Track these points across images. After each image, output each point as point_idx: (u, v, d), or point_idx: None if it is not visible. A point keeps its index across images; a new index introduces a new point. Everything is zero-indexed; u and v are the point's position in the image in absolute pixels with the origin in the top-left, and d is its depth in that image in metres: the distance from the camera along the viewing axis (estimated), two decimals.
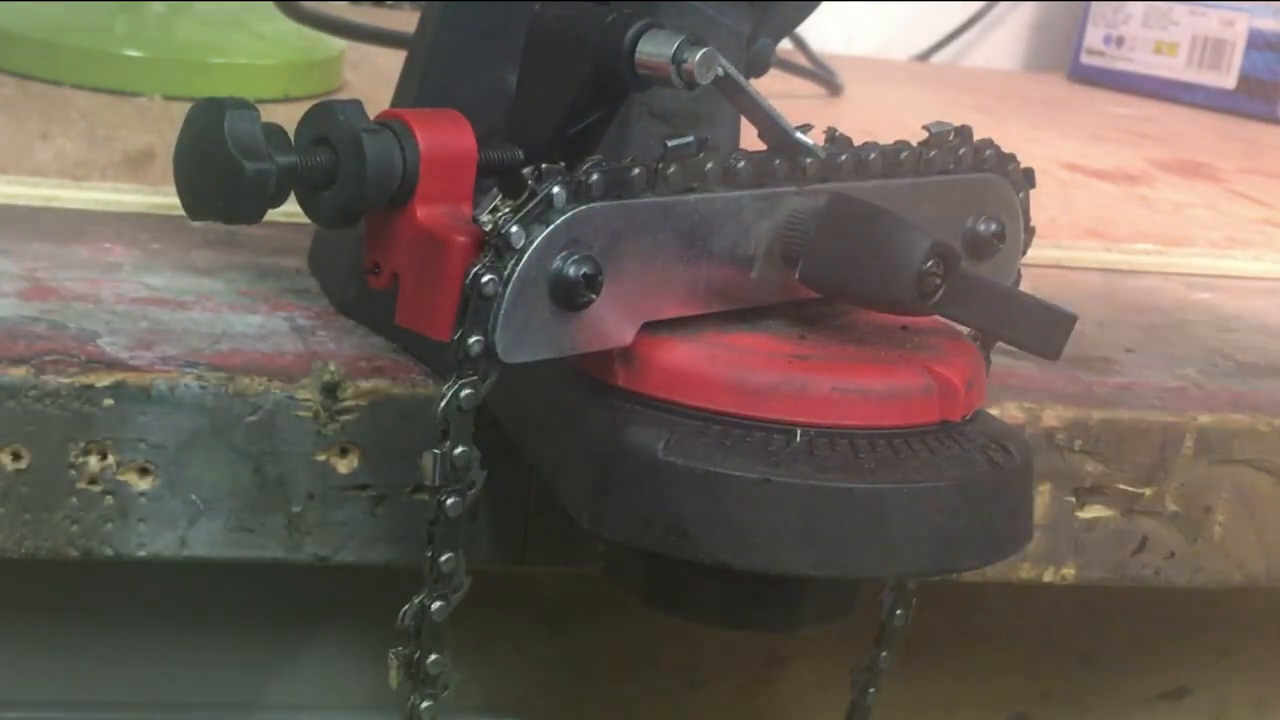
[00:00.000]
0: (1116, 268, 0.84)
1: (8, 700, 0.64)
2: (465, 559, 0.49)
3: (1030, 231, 0.57)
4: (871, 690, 0.60)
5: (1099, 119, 1.26)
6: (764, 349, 0.49)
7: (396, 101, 0.62)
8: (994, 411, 0.58)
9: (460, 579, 0.49)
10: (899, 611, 0.59)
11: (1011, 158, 0.56)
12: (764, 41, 0.58)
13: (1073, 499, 0.63)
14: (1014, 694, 0.75)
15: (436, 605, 0.48)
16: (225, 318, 0.59)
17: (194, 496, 0.54)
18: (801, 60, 1.18)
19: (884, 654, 0.59)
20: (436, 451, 0.47)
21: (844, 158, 0.51)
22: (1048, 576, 0.63)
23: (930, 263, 0.48)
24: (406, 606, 0.48)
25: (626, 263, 0.47)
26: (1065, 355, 0.53)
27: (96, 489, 0.54)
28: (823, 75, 1.18)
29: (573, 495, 0.49)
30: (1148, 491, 0.63)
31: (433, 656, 0.49)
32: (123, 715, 0.65)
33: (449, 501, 0.47)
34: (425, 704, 0.50)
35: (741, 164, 0.49)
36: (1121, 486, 0.63)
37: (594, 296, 0.46)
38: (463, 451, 0.47)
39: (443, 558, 0.48)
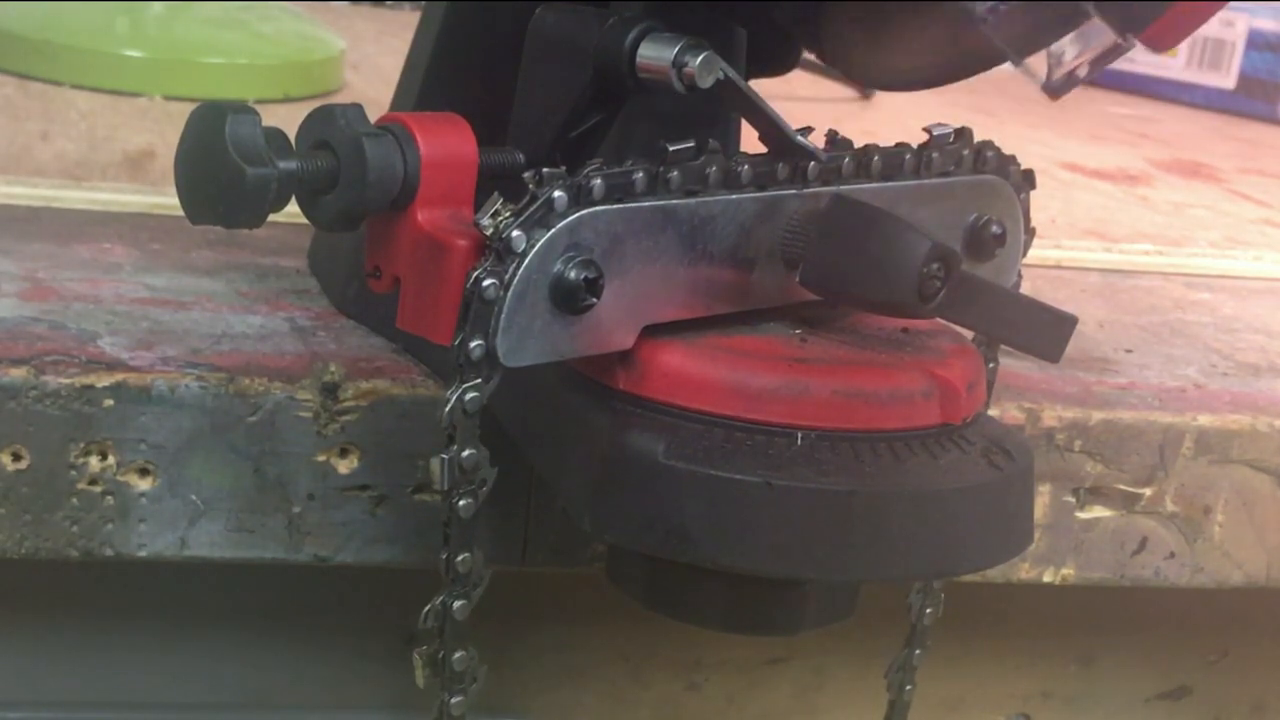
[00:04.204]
0: (1116, 268, 0.84)
1: (8, 700, 0.64)
2: (481, 556, 0.49)
3: (1030, 233, 0.57)
4: (909, 688, 0.60)
5: (1099, 119, 1.25)
6: (765, 352, 0.49)
7: (397, 103, 0.62)
8: (993, 412, 0.58)
9: (479, 576, 0.49)
10: (929, 610, 0.59)
11: (1012, 159, 0.56)
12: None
13: (1073, 499, 0.63)
14: (1014, 694, 0.75)
15: (458, 604, 0.49)
16: (225, 318, 0.59)
17: (194, 497, 0.55)
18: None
19: (917, 652, 0.60)
20: (445, 456, 0.47)
21: (845, 160, 0.51)
22: (1048, 577, 0.63)
23: (931, 265, 0.48)
24: (428, 608, 0.48)
25: (627, 266, 0.47)
26: (1065, 355, 0.53)
27: (97, 489, 0.54)
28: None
29: (574, 498, 0.49)
30: (1148, 492, 0.63)
31: (458, 653, 0.49)
32: (123, 715, 0.65)
33: (461, 504, 0.47)
34: (455, 699, 0.50)
35: (742, 167, 0.49)
36: (1121, 487, 0.63)
37: (595, 300, 0.46)
38: (471, 454, 0.47)
39: (459, 558, 0.48)
